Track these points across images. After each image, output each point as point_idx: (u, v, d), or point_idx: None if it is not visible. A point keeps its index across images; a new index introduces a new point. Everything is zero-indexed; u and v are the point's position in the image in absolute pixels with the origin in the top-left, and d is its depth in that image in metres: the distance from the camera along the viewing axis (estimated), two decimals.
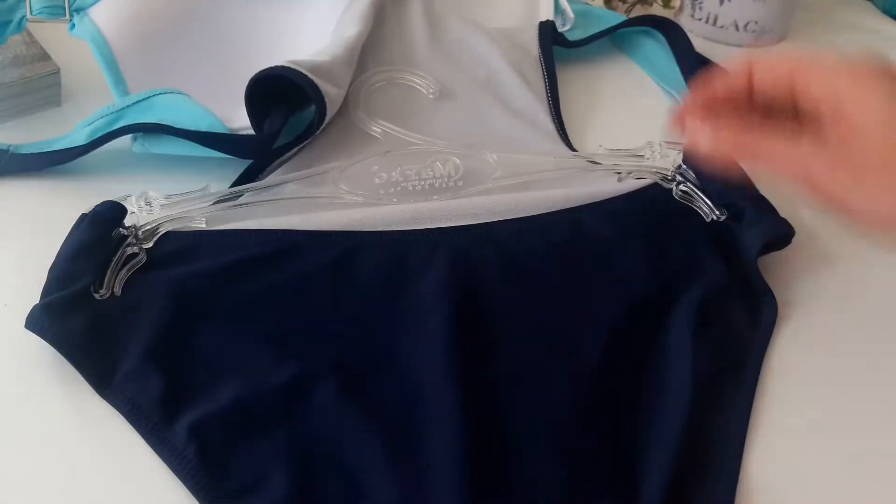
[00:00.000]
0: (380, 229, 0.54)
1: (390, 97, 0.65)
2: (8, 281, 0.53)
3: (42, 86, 0.66)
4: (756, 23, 0.81)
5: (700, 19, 0.82)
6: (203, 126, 0.57)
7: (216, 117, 0.58)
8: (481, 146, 0.60)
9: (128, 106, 0.59)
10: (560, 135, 0.64)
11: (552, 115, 0.66)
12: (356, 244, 0.53)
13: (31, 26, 0.68)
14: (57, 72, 0.66)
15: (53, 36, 0.69)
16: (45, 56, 0.67)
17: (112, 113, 0.59)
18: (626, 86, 0.73)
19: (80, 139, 0.58)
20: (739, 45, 0.82)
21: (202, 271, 0.51)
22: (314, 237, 0.53)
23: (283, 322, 0.49)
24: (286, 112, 0.60)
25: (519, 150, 0.62)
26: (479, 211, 0.56)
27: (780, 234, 0.55)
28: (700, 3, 0.81)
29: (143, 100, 0.59)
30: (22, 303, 0.48)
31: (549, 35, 0.71)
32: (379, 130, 0.62)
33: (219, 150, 0.57)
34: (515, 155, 0.60)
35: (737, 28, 0.81)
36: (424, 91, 0.66)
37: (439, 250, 0.53)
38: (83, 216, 0.52)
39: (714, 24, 0.81)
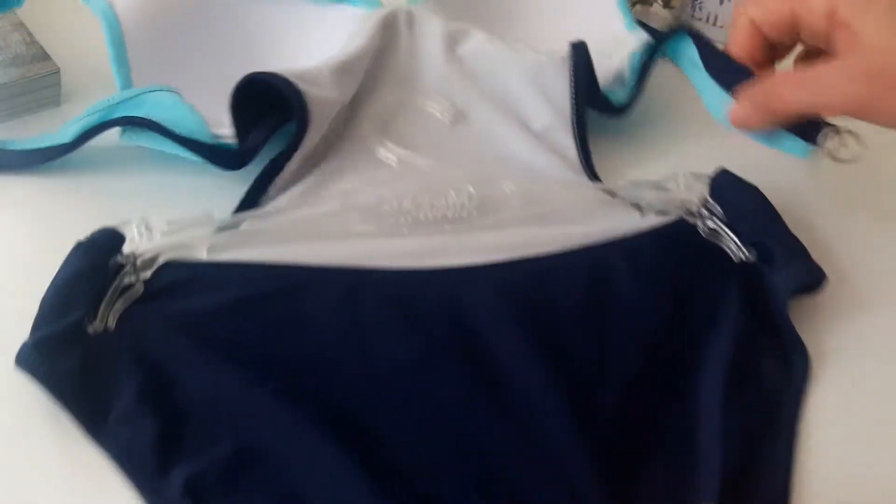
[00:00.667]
0: (387, 264, 0.51)
1: (404, 122, 0.62)
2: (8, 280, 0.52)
3: (42, 86, 0.64)
4: None
5: (700, 19, 0.80)
6: (186, 128, 0.56)
7: (202, 121, 0.56)
8: (499, 174, 0.58)
9: (118, 103, 0.57)
10: (582, 162, 0.61)
11: (575, 137, 0.62)
12: (362, 282, 0.50)
13: (31, 26, 0.67)
14: (57, 72, 0.65)
15: (53, 36, 0.67)
16: (45, 56, 0.65)
17: (102, 110, 0.57)
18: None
19: (67, 136, 0.57)
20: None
21: (201, 307, 0.48)
22: (318, 274, 0.50)
23: (284, 365, 0.47)
24: (272, 126, 0.58)
25: (538, 179, 0.59)
26: (493, 246, 0.53)
27: (811, 280, 0.53)
28: (700, 3, 0.80)
29: (134, 97, 0.57)
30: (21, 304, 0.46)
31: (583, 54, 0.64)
32: (392, 157, 0.59)
33: (197, 156, 0.55)
34: (533, 185, 0.57)
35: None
36: (439, 115, 0.63)
37: (449, 292, 0.50)
38: (79, 244, 0.49)
39: (714, 24, 0.80)
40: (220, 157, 0.56)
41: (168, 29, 0.64)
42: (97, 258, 0.49)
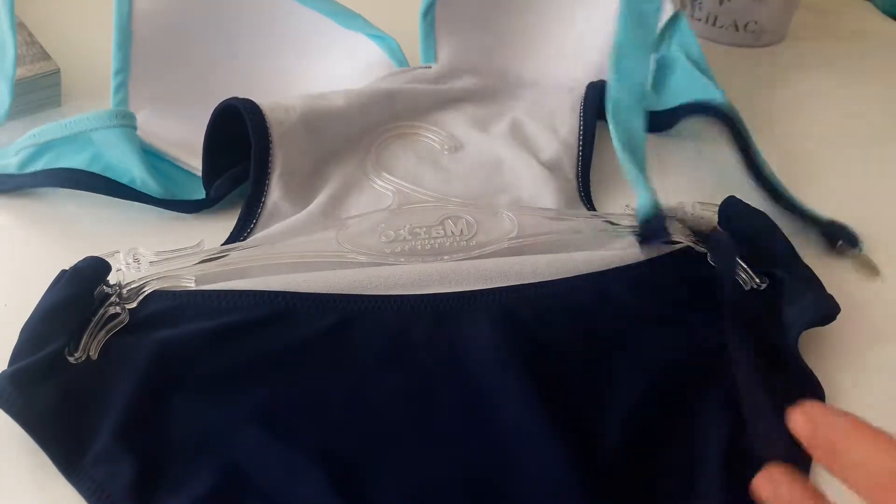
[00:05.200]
0: (383, 293, 0.50)
1: (402, 152, 0.61)
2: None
3: (42, 86, 0.65)
4: (756, 23, 0.80)
5: (700, 19, 0.81)
6: (135, 175, 0.56)
7: (147, 169, 0.56)
8: (498, 202, 0.56)
9: (57, 139, 0.56)
10: (581, 193, 0.60)
11: (577, 168, 0.61)
12: (356, 310, 0.49)
13: (31, 26, 0.67)
14: (57, 72, 0.65)
15: (53, 36, 0.67)
16: (45, 56, 0.66)
17: (38, 144, 0.56)
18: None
19: (10, 167, 0.57)
20: (739, 46, 0.81)
21: (186, 336, 0.46)
22: (310, 300, 0.49)
23: (271, 398, 0.45)
24: (237, 177, 0.58)
25: (538, 206, 0.57)
26: (492, 274, 0.51)
27: (824, 313, 0.50)
28: (700, 3, 0.80)
29: (79, 133, 0.56)
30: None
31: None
32: (390, 188, 0.57)
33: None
34: (534, 212, 0.55)
35: (736, 28, 0.80)
36: (438, 147, 0.61)
37: (446, 320, 0.49)
38: (63, 273, 0.48)
39: (714, 24, 0.81)
40: (170, 205, 0.57)
41: (180, 25, 0.63)
42: (81, 287, 0.47)
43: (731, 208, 0.56)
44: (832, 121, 0.72)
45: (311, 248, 0.52)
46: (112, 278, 0.49)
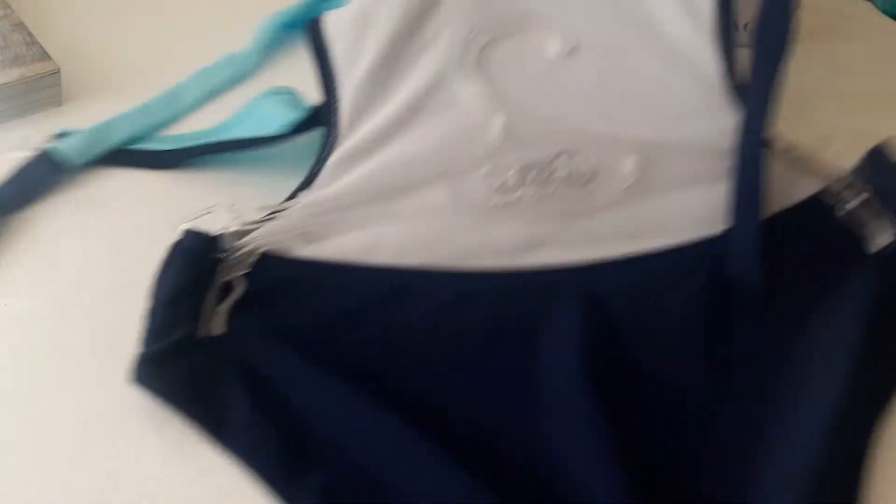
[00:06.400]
0: (491, 264, 0.48)
1: (506, 63, 0.52)
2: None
3: (42, 86, 0.63)
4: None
5: None
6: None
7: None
8: (622, 112, 0.52)
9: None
10: (726, 88, 0.55)
11: (720, 48, 0.56)
12: (468, 287, 0.48)
13: (31, 26, 0.65)
14: (57, 72, 0.63)
15: (53, 36, 0.65)
16: (45, 56, 0.63)
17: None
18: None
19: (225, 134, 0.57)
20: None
21: (306, 317, 0.46)
22: (423, 277, 0.48)
23: (392, 378, 0.45)
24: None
25: (666, 115, 0.52)
26: (605, 235, 0.48)
27: None
28: None
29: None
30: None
31: None
32: (491, 109, 0.51)
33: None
34: (656, 158, 0.51)
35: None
36: (551, 50, 0.53)
37: (559, 298, 0.46)
38: (174, 250, 0.47)
39: None
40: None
41: None
42: (196, 268, 0.47)
43: (880, 157, 0.53)
44: (831, 121, 0.71)
45: (414, 199, 0.50)
46: (216, 228, 0.48)
